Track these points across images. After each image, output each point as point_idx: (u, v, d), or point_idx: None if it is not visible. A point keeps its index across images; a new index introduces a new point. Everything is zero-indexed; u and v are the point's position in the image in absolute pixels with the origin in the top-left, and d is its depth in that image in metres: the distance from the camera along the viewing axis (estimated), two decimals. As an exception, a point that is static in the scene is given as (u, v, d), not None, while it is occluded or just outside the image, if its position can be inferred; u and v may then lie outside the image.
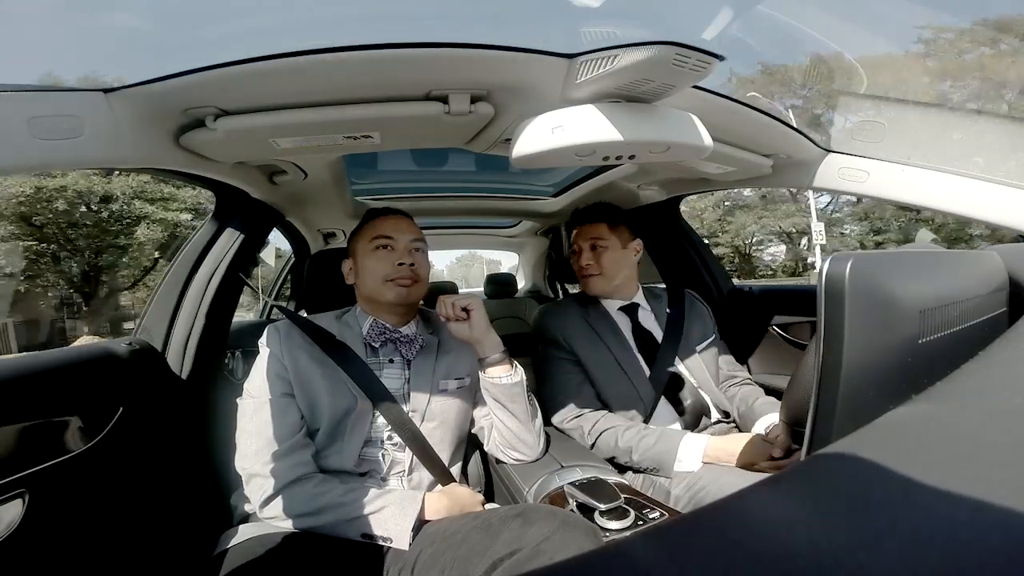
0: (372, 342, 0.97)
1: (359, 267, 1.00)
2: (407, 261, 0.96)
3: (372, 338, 0.97)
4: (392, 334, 0.98)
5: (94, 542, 0.88)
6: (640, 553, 0.19)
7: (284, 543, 0.76)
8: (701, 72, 0.68)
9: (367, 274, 0.97)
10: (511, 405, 0.96)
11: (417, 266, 0.98)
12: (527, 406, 0.98)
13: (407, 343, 0.97)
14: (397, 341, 0.97)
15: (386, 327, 0.98)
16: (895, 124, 1.03)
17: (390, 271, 0.95)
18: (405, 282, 0.96)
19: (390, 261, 0.96)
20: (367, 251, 0.98)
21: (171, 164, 0.88)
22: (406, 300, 0.97)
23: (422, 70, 0.74)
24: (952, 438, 0.26)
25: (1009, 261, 0.62)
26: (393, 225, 1.00)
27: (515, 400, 0.96)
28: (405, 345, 0.97)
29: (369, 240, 0.99)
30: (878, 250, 0.60)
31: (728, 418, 1.22)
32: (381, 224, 1.00)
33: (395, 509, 0.79)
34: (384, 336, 0.97)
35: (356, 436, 0.88)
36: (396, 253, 0.97)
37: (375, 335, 0.97)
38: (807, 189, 1.21)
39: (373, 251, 0.98)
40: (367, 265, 0.98)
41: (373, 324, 0.98)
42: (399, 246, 0.98)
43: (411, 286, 0.97)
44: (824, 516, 0.20)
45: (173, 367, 1.11)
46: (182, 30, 2.53)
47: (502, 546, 0.65)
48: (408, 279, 0.96)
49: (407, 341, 0.98)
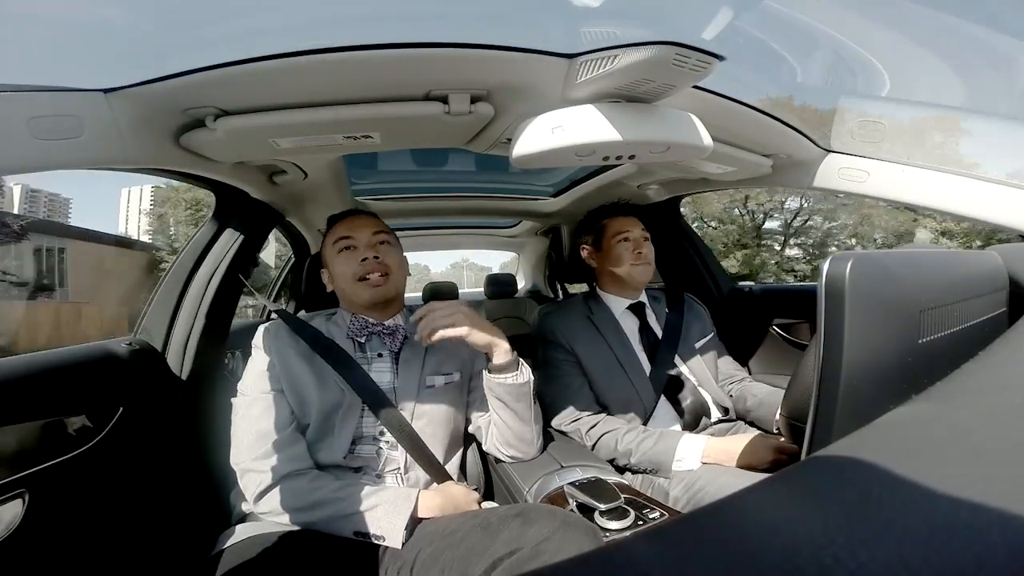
0: (357, 337, 0.98)
1: (332, 272, 1.02)
2: (370, 255, 0.97)
3: (356, 333, 0.98)
4: (375, 327, 0.98)
5: (94, 542, 0.88)
6: (640, 553, 0.19)
7: (282, 542, 0.76)
8: (701, 72, 0.67)
9: (338, 277, 0.99)
10: (516, 404, 0.95)
11: (383, 258, 0.98)
12: (531, 404, 0.97)
13: (390, 335, 0.98)
14: (380, 334, 0.98)
15: (368, 321, 0.99)
16: (895, 124, 1.03)
17: (357, 269, 0.96)
18: (376, 279, 0.96)
19: (355, 259, 0.97)
20: (334, 255, 1.00)
21: (171, 164, 0.89)
22: (382, 297, 0.97)
23: (422, 70, 0.74)
24: (952, 438, 0.26)
25: (1009, 261, 0.62)
26: (350, 224, 1.01)
27: (520, 399, 0.95)
28: (389, 337, 0.98)
29: (332, 244, 1.01)
30: (878, 250, 0.60)
31: (727, 415, 1.22)
32: (340, 226, 1.02)
33: (388, 507, 0.80)
34: (367, 330, 0.98)
35: (346, 430, 0.89)
36: (359, 251, 0.98)
37: (358, 329, 0.98)
38: (807, 189, 1.21)
39: (338, 254, 0.99)
40: (336, 269, 0.99)
41: (354, 319, 0.99)
42: (360, 243, 0.99)
43: (383, 282, 0.97)
44: (824, 516, 0.20)
45: (173, 367, 1.11)
46: (182, 30, 2.53)
47: (502, 545, 0.65)
48: (376, 273, 0.96)
49: (390, 333, 0.99)
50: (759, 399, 1.19)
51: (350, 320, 0.99)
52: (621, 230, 1.28)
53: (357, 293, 0.97)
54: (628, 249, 1.26)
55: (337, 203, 1.54)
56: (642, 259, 1.26)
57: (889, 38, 0.97)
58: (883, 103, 1.03)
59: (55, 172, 4.81)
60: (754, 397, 1.20)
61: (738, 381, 1.31)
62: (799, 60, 0.99)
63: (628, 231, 1.27)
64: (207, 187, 1.16)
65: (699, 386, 1.22)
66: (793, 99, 1.10)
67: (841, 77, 1.04)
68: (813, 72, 1.01)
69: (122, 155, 0.76)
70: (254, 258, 1.28)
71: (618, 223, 1.30)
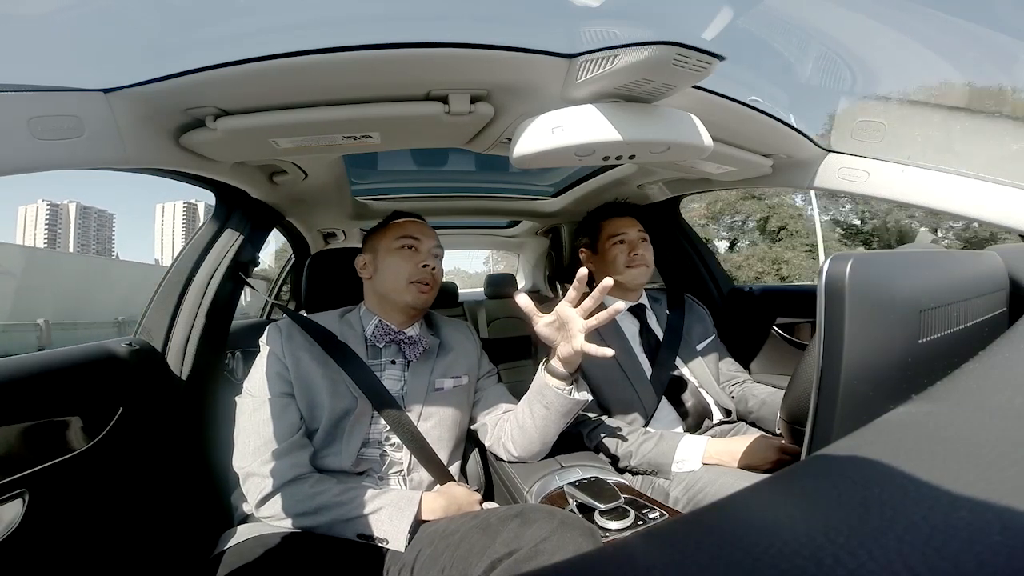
0: (376, 342, 0.97)
1: (380, 264, 1.00)
2: (431, 264, 0.98)
3: (377, 339, 0.97)
4: (397, 335, 0.98)
5: (94, 542, 0.88)
6: (640, 553, 0.19)
7: (283, 543, 0.76)
8: (701, 72, 0.67)
9: (389, 272, 0.98)
10: (559, 418, 0.93)
11: (437, 271, 1.00)
12: (567, 422, 0.96)
13: (411, 345, 0.98)
14: (401, 343, 0.97)
15: (391, 328, 0.98)
16: (896, 124, 1.03)
17: (413, 271, 0.97)
18: (425, 287, 0.97)
19: (415, 262, 0.98)
20: (391, 249, 0.99)
21: (171, 164, 0.88)
22: (424, 305, 0.99)
23: (422, 70, 0.74)
24: (952, 438, 0.26)
25: (1009, 261, 0.62)
26: (420, 228, 1.03)
27: (566, 415, 0.93)
28: (409, 347, 0.97)
29: (395, 238, 1.00)
30: (878, 250, 0.59)
31: (729, 417, 1.22)
32: (409, 226, 1.02)
33: (392, 510, 0.79)
34: (389, 337, 0.97)
35: (355, 437, 0.88)
36: (421, 255, 0.99)
37: (380, 335, 0.97)
38: (807, 189, 1.20)
39: (398, 250, 0.99)
40: (391, 263, 0.98)
41: (379, 325, 0.98)
42: (424, 248, 1.00)
43: (428, 291, 0.98)
44: (824, 516, 0.20)
45: (173, 367, 1.10)
46: (182, 30, 2.53)
47: (501, 546, 0.65)
48: (428, 283, 0.98)
49: (412, 343, 0.98)
50: (760, 400, 1.18)
51: (375, 324, 0.99)
52: (616, 232, 1.27)
53: (402, 294, 0.97)
54: (623, 251, 1.25)
55: (337, 203, 1.53)
56: (638, 261, 1.25)
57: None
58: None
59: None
60: (755, 398, 1.20)
61: (739, 383, 1.30)
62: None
63: (624, 233, 1.27)
64: (207, 187, 1.16)
65: (700, 388, 1.22)
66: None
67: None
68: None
69: (122, 155, 0.76)
70: (254, 258, 1.28)
71: (614, 225, 1.29)
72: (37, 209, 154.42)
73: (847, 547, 0.17)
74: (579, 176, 1.71)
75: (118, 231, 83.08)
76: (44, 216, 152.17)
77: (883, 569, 0.16)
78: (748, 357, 1.58)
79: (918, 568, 0.15)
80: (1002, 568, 0.15)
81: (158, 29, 0.73)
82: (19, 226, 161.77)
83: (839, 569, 0.16)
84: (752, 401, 1.20)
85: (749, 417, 1.21)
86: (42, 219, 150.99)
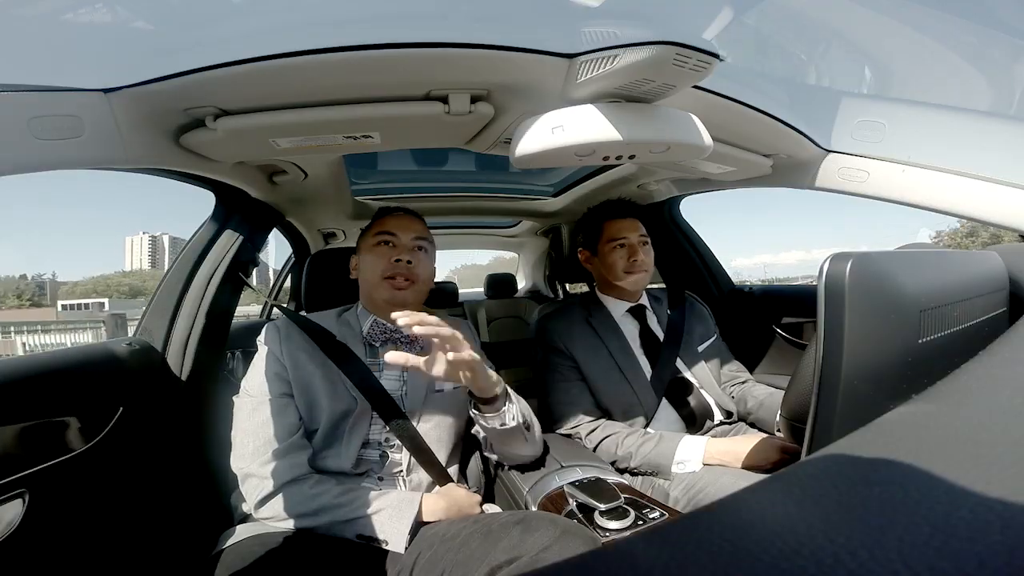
0: (373, 342, 0.96)
1: (361, 263, 1.01)
2: (404, 258, 0.95)
3: (373, 338, 0.96)
4: (393, 334, 0.97)
5: (94, 542, 0.88)
6: (640, 553, 0.19)
7: (282, 543, 0.76)
8: (702, 72, 0.67)
9: (367, 269, 0.98)
10: (506, 444, 0.92)
11: (415, 265, 0.97)
12: (524, 438, 0.92)
13: (408, 344, 0.97)
14: (398, 342, 0.97)
15: (387, 327, 0.97)
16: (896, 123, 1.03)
17: (386, 267, 0.95)
18: (400, 283, 0.94)
19: (388, 257, 0.96)
20: (369, 246, 0.99)
21: (171, 164, 0.88)
22: (401, 303, 0.93)
23: (422, 70, 0.74)
24: (952, 437, 0.26)
25: (1009, 261, 0.62)
26: (397, 222, 1.00)
27: (510, 441, 0.91)
28: (406, 346, 0.96)
29: (372, 235, 1.00)
30: (879, 250, 0.60)
31: (730, 418, 1.21)
32: (387, 221, 1.01)
33: (392, 512, 0.79)
34: (385, 336, 0.97)
35: (355, 438, 0.88)
36: (396, 250, 0.97)
37: (376, 335, 0.96)
38: (807, 189, 1.20)
39: (374, 246, 0.98)
40: (367, 260, 0.98)
41: (374, 324, 0.98)
42: (400, 243, 0.98)
43: (406, 288, 0.95)
44: (824, 516, 0.20)
45: (173, 367, 1.11)
46: (182, 30, 2.51)
47: (501, 553, 0.64)
48: (404, 278, 0.95)
49: (408, 342, 0.97)
50: (758, 401, 1.18)
51: (371, 323, 0.98)
52: (616, 236, 1.25)
53: (378, 290, 0.96)
54: (623, 256, 1.23)
55: (337, 203, 1.53)
56: (638, 268, 1.23)
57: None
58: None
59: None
60: (754, 399, 1.20)
61: (740, 383, 1.30)
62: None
63: (624, 237, 1.24)
64: (207, 187, 1.16)
65: (701, 388, 1.22)
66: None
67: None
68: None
69: (122, 155, 0.76)
70: (254, 258, 1.28)
71: (615, 227, 1.26)
72: (141, 240, 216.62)
73: (847, 547, 0.17)
74: (579, 176, 1.71)
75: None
76: (147, 246, 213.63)
77: (884, 569, 0.16)
78: (748, 357, 1.58)
79: (919, 568, 0.15)
80: (1003, 567, 0.15)
81: (158, 29, 0.73)
82: (127, 253, 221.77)
83: (839, 569, 0.16)
84: (751, 402, 1.20)
85: (748, 418, 1.21)
86: (145, 248, 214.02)
